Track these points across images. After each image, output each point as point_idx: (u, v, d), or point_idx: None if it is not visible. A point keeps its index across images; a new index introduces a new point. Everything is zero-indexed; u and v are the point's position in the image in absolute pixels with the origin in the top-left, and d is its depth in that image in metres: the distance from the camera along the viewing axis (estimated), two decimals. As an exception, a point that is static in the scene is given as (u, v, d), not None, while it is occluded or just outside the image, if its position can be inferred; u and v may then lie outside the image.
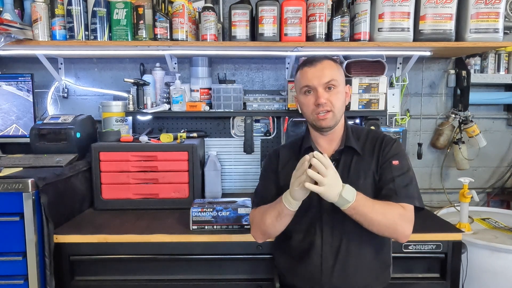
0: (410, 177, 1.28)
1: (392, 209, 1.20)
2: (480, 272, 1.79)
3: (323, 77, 1.26)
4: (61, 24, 1.84)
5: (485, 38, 1.85)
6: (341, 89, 1.30)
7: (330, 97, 1.26)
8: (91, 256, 1.60)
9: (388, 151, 1.30)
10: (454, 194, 2.38)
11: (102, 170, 1.91)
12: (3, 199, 1.50)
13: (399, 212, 1.21)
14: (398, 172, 1.27)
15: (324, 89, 1.26)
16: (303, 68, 1.30)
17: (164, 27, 1.85)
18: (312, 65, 1.28)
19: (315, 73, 1.27)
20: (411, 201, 1.24)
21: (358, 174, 1.29)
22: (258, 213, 1.35)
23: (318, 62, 1.29)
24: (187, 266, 1.63)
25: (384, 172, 1.28)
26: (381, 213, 1.18)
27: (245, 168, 2.32)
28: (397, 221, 1.20)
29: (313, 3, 1.82)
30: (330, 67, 1.28)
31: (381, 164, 1.30)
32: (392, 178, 1.26)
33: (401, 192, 1.24)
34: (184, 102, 2.07)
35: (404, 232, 1.22)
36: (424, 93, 2.36)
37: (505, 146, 2.43)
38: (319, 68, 1.27)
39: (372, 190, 1.29)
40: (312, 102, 1.28)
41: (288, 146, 1.46)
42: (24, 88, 2.07)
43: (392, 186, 1.24)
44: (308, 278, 1.30)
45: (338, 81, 1.28)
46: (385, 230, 1.21)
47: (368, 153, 1.33)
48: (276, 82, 2.33)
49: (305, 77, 1.29)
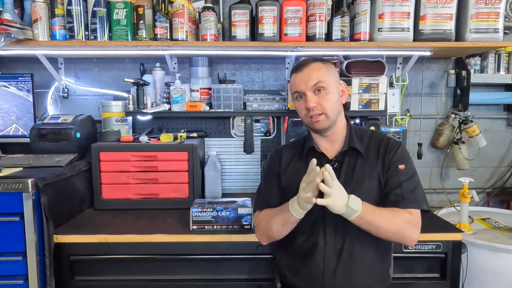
0: (416, 181, 1.29)
1: (398, 215, 1.22)
2: (480, 272, 1.79)
3: (310, 81, 1.27)
4: (61, 24, 1.84)
5: (485, 38, 1.85)
6: (332, 90, 1.29)
7: (320, 100, 1.27)
8: (91, 256, 1.60)
9: (393, 156, 1.30)
10: (454, 194, 2.38)
11: (102, 170, 1.91)
12: (3, 199, 1.50)
13: (406, 218, 1.22)
14: (404, 176, 1.28)
15: (313, 92, 1.27)
16: (292, 74, 1.33)
17: (164, 27, 1.85)
18: (298, 71, 1.30)
19: (302, 78, 1.28)
20: (418, 206, 1.26)
21: (362, 176, 1.29)
22: (263, 218, 1.36)
23: (305, 66, 1.30)
24: (187, 266, 1.63)
25: (391, 177, 1.28)
26: (388, 221, 1.20)
27: (245, 168, 2.32)
28: (404, 227, 1.22)
29: (313, 3, 1.82)
30: (317, 70, 1.28)
31: (387, 168, 1.30)
32: (399, 183, 1.26)
33: (408, 197, 1.25)
34: (184, 102, 2.07)
35: (412, 237, 1.24)
36: (424, 93, 2.36)
37: (505, 146, 2.43)
38: (306, 73, 1.28)
39: (377, 193, 1.28)
40: (304, 107, 1.29)
41: (291, 146, 1.46)
42: (24, 88, 2.07)
43: (399, 192, 1.25)
44: (310, 279, 1.30)
45: (327, 82, 1.27)
46: (393, 236, 1.23)
47: (373, 155, 1.32)
48: (276, 82, 2.33)
49: (294, 83, 1.31)
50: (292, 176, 1.35)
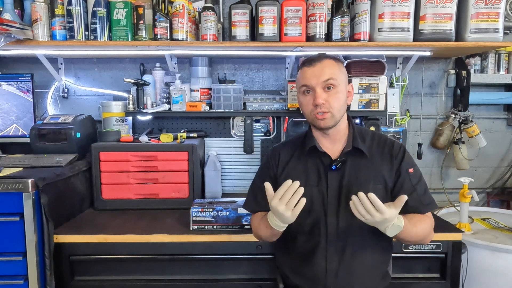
0: (424, 182, 1.32)
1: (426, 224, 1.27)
2: (480, 272, 1.79)
3: (322, 76, 1.23)
4: (61, 24, 1.84)
5: (485, 38, 1.85)
6: (341, 89, 1.26)
7: (329, 98, 1.24)
8: (91, 256, 1.60)
9: (401, 160, 1.30)
10: (454, 194, 2.38)
11: (102, 170, 1.91)
12: (3, 199, 1.50)
13: (431, 224, 1.30)
14: (415, 180, 1.30)
15: (322, 89, 1.24)
16: (303, 67, 1.29)
17: (164, 27, 1.85)
18: (311, 65, 1.26)
19: (313, 73, 1.25)
20: (433, 206, 1.31)
21: (367, 178, 1.28)
22: (254, 221, 1.37)
23: (318, 61, 1.26)
24: (187, 266, 1.63)
25: (405, 182, 1.29)
26: (422, 233, 1.26)
27: (245, 168, 2.32)
28: (430, 233, 1.30)
29: (313, 3, 1.82)
30: (329, 66, 1.25)
31: (396, 173, 1.29)
32: (414, 188, 1.28)
33: (424, 201, 1.29)
34: (184, 102, 2.07)
35: (431, 238, 1.33)
36: (424, 93, 2.36)
37: (505, 146, 2.43)
38: (318, 68, 1.25)
39: (382, 196, 1.26)
40: (311, 103, 1.26)
41: (289, 144, 1.42)
42: (24, 88, 2.07)
43: (415, 196, 1.27)
44: (312, 279, 1.29)
45: (338, 80, 1.25)
46: (419, 242, 1.35)
47: (377, 156, 1.31)
48: (276, 82, 2.33)
49: (304, 77, 1.27)
50: (290, 176, 1.33)
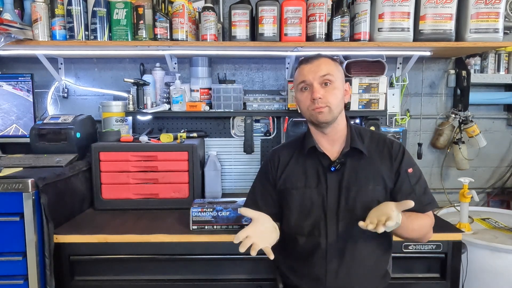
0: (424, 181, 1.32)
1: (425, 221, 1.28)
2: (480, 272, 1.79)
3: (319, 71, 1.26)
4: (61, 24, 1.84)
5: (485, 38, 1.85)
6: (338, 85, 1.28)
7: (326, 93, 1.25)
8: (91, 256, 1.60)
9: (401, 160, 1.30)
10: (454, 194, 2.37)
11: (102, 170, 1.91)
12: (3, 199, 1.50)
13: (430, 223, 1.31)
14: (414, 179, 1.30)
15: (320, 84, 1.26)
16: (300, 65, 1.32)
17: (164, 27, 1.85)
18: (308, 62, 1.30)
19: (311, 68, 1.27)
20: (433, 206, 1.31)
21: (367, 178, 1.28)
22: None
23: (315, 59, 1.30)
24: (187, 266, 1.63)
25: (404, 183, 1.29)
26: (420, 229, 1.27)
27: (245, 168, 2.32)
28: (429, 231, 1.32)
29: (313, 3, 1.82)
30: (326, 63, 1.29)
31: (396, 173, 1.30)
32: (412, 189, 1.29)
33: (423, 200, 1.29)
34: (184, 102, 2.07)
35: (430, 237, 1.34)
36: (424, 93, 2.36)
37: (505, 146, 2.43)
38: (315, 64, 1.28)
39: (382, 196, 1.27)
40: (309, 98, 1.27)
41: (289, 146, 1.43)
42: (24, 88, 2.07)
43: (414, 197, 1.26)
44: (312, 280, 1.29)
45: (335, 76, 1.27)
46: (417, 239, 1.33)
47: (376, 156, 1.31)
48: (276, 82, 2.33)
49: (301, 73, 1.30)
50: (290, 178, 1.34)
